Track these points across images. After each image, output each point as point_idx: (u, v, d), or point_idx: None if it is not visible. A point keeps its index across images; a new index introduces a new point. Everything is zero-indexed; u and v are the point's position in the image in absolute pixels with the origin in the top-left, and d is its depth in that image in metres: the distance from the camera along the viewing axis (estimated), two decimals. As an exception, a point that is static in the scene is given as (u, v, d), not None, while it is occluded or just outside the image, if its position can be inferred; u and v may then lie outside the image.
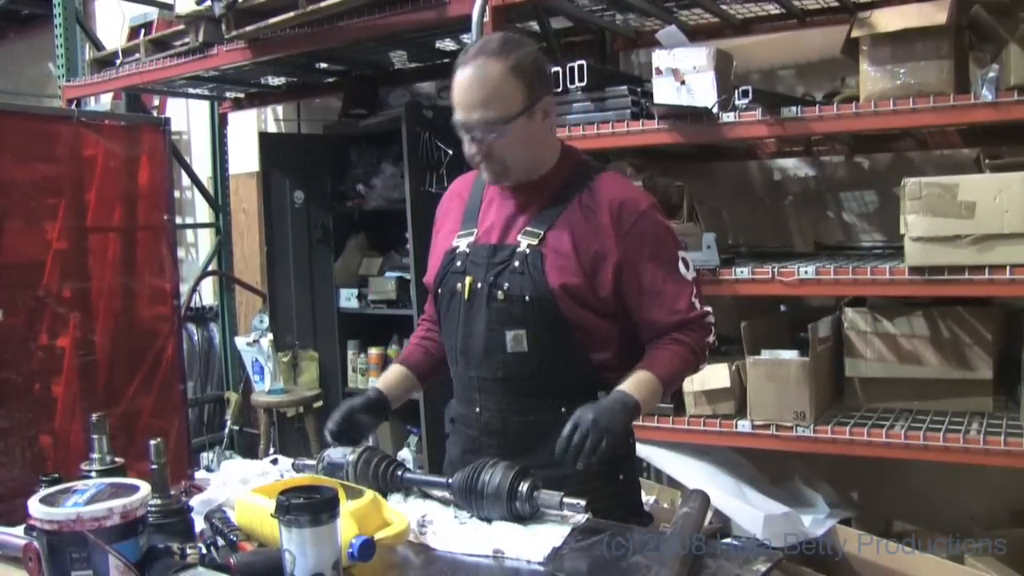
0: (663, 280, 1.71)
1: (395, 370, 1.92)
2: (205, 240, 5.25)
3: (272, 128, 5.05)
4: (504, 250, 1.72)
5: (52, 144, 3.26)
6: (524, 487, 1.52)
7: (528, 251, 1.69)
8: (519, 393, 1.71)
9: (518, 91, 1.65)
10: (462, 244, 1.77)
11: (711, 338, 1.77)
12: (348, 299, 4.57)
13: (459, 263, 1.76)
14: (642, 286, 1.71)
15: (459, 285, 1.74)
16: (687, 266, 1.76)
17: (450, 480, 1.60)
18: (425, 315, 1.99)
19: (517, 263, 1.69)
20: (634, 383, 1.66)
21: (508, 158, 1.69)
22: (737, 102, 2.56)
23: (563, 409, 1.67)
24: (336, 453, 1.70)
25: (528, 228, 1.72)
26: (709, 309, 1.77)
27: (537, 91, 1.69)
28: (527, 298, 1.67)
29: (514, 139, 1.67)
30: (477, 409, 1.76)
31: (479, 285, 1.72)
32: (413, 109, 3.94)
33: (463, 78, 1.66)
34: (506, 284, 1.69)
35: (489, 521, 1.54)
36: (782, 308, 3.14)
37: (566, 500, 1.51)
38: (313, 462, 1.75)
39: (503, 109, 1.64)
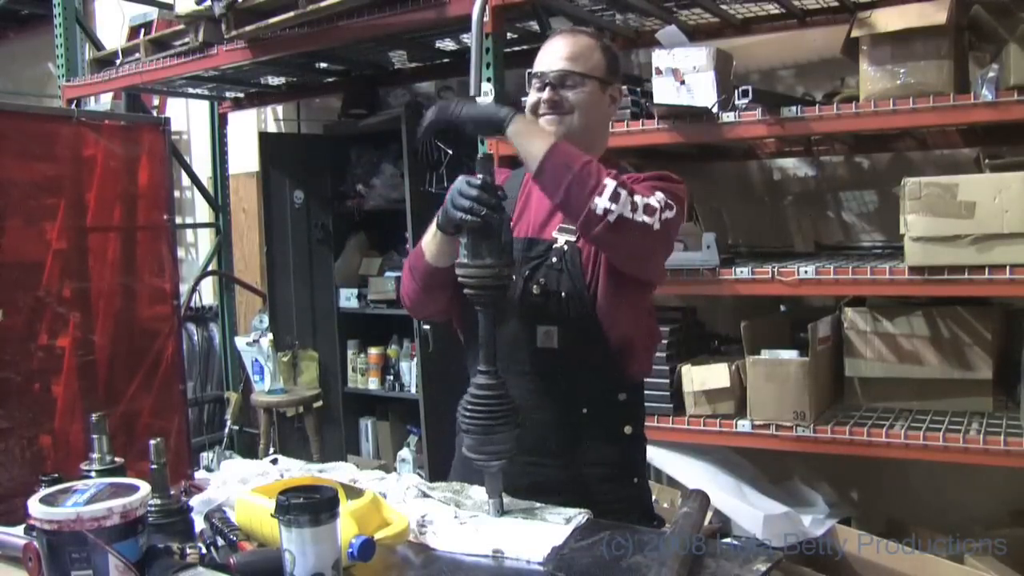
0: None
1: None
2: (205, 240, 5.24)
3: (272, 128, 5.05)
4: (540, 244, 1.71)
5: (52, 144, 3.24)
6: None
7: (566, 247, 1.68)
8: (542, 391, 1.68)
9: (601, 62, 1.76)
10: None
11: (650, 200, 1.54)
12: (348, 299, 4.58)
13: None
14: None
15: None
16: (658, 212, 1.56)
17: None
18: None
19: (555, 259, 1.68)
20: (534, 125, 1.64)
21: (571, 116, 1.71)
22: (737, 102, 2.56)
23: (584, 411, 1.66)
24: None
25: (564, 224, 1.70)
26: (659, 203, 1.55)
27: (614, 75, 1.78)
28: (563, 294, 1.66)
29: (584, 99, 1.72)
30: None
31: (513, 278, 1.70)
32: (413, 109, 3.94)
33: (554, 40, 1.76)
34: (543, 279, 1.68)
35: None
36: (782, 308, 3.14)
37: None
38: None
39: (586, 66, 1.73)
